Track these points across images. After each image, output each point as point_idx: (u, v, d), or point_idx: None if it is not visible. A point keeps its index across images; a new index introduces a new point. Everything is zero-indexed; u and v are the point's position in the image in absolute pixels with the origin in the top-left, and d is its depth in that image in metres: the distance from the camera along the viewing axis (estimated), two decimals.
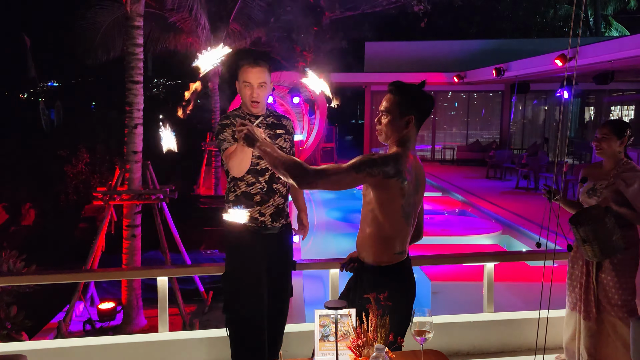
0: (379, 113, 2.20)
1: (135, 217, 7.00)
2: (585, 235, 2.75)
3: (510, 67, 12.58)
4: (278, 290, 2.72)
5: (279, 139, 2.73)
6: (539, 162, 11.43)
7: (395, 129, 2.15)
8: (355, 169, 2.01)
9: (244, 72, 2.62)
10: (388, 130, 2.16)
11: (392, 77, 10.72)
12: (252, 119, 2.63)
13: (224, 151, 2.54)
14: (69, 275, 3.45)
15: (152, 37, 12.07)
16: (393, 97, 2.17)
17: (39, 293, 5.34)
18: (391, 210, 2.11)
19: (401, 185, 2.08)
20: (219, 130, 2.61)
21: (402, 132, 2.15)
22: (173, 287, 6.65)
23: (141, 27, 6.96)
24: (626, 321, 2.86)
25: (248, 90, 2.60)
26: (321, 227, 8.79)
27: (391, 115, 2.15)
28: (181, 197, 8.08)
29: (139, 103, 6.93)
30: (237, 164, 2.46)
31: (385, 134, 2.18)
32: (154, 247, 7.64)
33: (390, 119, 2.15)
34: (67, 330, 6.42)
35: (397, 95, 2.16)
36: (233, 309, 2.63)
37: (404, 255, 2.25)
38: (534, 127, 18.31)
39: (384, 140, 2.21)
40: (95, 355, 3.05)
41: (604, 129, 2.95)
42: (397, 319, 2.05)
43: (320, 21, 17.51)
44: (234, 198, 2.63)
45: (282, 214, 2.70)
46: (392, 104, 2.16)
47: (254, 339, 2.60)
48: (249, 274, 2.59)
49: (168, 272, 3.39)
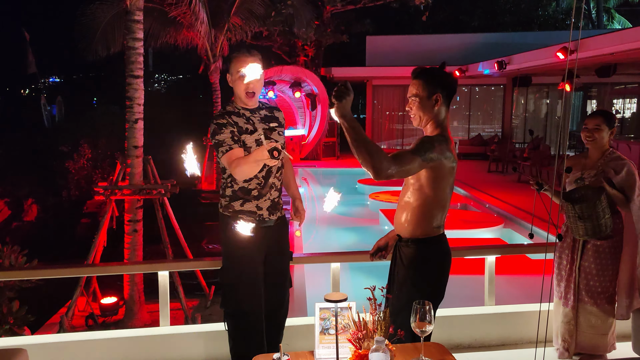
0: (408, 100, 2.31)
1: (136, 212, 7.00)
2: (580, 212, 2.81)
3: (512, 60, 12.53)
4: (277, 283, 2.71)
5: (273, 132, 2.65)
6: (541, 156, 11.41)
7: (427, 109, 2.26)
8: (422, 157, 2.13)
9: (238, 62, 2.53)
10: (420, 112, 2.27)
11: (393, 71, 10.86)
12: (247, 112, 2.60)
13: (223, 153, 2.47)
14: (71, 270, 3.45)
15: (153, 32, 12.05)
16: (418, 80, 2.26)
17: (41, 288, 5.36)
18: (440, 188, 2.25)
19: (452, 164, 2.24)
20: (215, 130, 2.51)
21: (433, 112, 2.26)
22: (175, 281, 6.66)
23: (141, 21, 6.95)
24: (602, 309, 2.95)
25: (243, 81, 2.53)
26: (322, 222, 8.79)
27: (420, 97, 2.25)
28: (182, 192, 8.08)
29: (139, 98, 6.93)
30: (247, 173, 2.42)
31: (419, 117, 2.29)
32: (155, 241, 7.66)
33: (420, 101, 2.26)
34: (69, 324, 6.44)
35: (421, 77, 2.26)
36: (231, 303, 2.62)
37: (443, 228, 2.40)
38: (536, 120, 18.25)
39: (419, 124, 2.32)
40: (98, 350, 3.06)
41: (596, 119, 2.99)
42: (433, 288, 2.27)
43: (321, 15, 17.47)
44: (230, 193, 2.60)
45: (277, 207, 2.69)
46: (419, 86, 2.26)
47: (252, 332, 2.59)
48: (248, 267, 2.57)
49: (169, 266, 3.39)
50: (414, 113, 2.29)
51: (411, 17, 22.66)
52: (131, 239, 6.99)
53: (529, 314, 3.36)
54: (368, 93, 18.19)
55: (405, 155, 2.09)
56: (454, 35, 18.44)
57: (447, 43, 17.32)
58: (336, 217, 9.76)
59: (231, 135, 2.49)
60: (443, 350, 2.12)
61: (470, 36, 18.15)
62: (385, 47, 17.78)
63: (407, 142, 18.43)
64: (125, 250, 7.02)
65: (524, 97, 18.08)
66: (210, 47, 11.99)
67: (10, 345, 2.94)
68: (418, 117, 2.29)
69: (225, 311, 2.66)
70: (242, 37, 12.74)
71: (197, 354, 3.10)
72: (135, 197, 6.87)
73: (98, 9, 11.01)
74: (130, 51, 6.89)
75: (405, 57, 16.98)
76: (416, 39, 18.29)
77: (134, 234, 6.99)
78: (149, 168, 7.05)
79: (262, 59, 2.60)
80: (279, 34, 16.45)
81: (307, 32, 15.34)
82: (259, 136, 2.56)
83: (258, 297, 2.59)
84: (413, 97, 2.27)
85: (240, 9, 12.08)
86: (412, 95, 2.27)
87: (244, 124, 2.55)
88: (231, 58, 2.59)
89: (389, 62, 16.98)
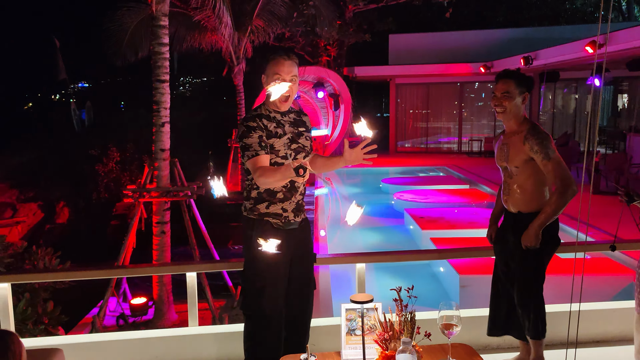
0: (498, 97, 2.70)
1: (164, 214, 7.12)
2: None
3: (539, 55, 12.30)
4: (303, 284, 2.71)
5: (301, 137, 2.64)
6: (570, 152, 11.17)
7: (519, 106, 2.70)
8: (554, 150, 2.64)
9: (276, 64, 2.50)
10: (514, 108, 2.69)
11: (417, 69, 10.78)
12: (278, 116, 2.61)
13: (249, 158, 2.47)
14: (102, 272, 3.52)
15: (178, 36, 12.25)
16: (510, 80, 2.68)
17: (74, 289, 5.49)
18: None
19: None
20: (244, 133, 2.49)
21: (521, 107, 2.72)
22: (202, 282, 6.75)
23: (166, 26, 7.06)
24: None
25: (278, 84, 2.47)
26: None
27: (512, 95, 2.67)
28: (208, 193, 8.19)
29: (165, 102, 7.04)
30: (270, 185, 2.46)
31: (510, 112, 2.70)
32: (183, 243, 7.77)
33: (512, 99, 2.67)
34: (101, 324, 6.59)
35: (513, 78, 2.69)
36: (251, 306, 2.60)
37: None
38: (565, 116, 17.87)
39: (508, 118, 2.71)
40: (129, 350, 3.13)
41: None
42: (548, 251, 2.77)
43: (343, 14, 17.44)
44: (256, 195, 2.59)
45: (302, 209, 2.69)
46: (511, 86, 2.67)
47: (270, 336, 2.58)
48: (271, 271, 2.55)
49: (197, 267, 3.44)
50: (507, 108, 2.68)
51: (434, 14, 22.44)
52: (159, 240, 7.11)
53: (559, 315, 3.30)
54: (391, 92, 18.09)
55: (558, 162, 2.59)
56: (478, 31, 18.18)
57: (471, 39, 17.09)
58: (361, 217, 9.73)
59: (259, 140, 2.48)
60: (471, 351, 2.10)
61: (494, 32, 17.88)
62: (408, 45, 17.64)
63: (431, 139, 18.27)
64: (154, 251, 7.15)
65: (551, 93, 17.72)
66: (233, 49, 12.11)
67: (45, 344, 3.02)
68: (510, 113, 2.69)
69: (244, 313, 2.66)
70: (265, 39, 12.83)
71: (225, 353, 3.14)
72: (162, 199, 6.98)
73: (125, 14, 11.24)
74: (157, 56, 7.01)
75: (428, 54, 16.83)
76: (439, 36, 18.09)
77: (162, 236, 7.11)
78: (175, 170, 7.16)
79: (298, 62, 2.58)
80: (301, 35, 16.49)
81: (329, 31, 15.34)
82: (287, 140, 2.56)
83: (279, 301, 2.58)
84: (505, 94, 2.67)
85: (263, 11, 12.17)
86: (504, 92, 2.67)
87: (274, 128, 2.55)
88: (268, 59, 2.56)
89: (412, 60, 16.85)
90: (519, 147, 2.66)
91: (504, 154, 2.78)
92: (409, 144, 18.44)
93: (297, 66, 2.56)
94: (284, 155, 2.54)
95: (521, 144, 2.65)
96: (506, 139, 2.78)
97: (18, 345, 1.73)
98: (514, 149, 2.70)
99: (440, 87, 17.88)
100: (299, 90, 15.90)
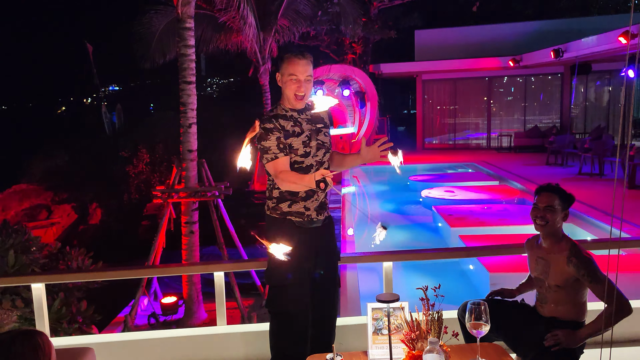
0: (540, 209, 2.59)
1: (192, 214, 7.21)
2: None
3: (570, 47, 11.99)
4: (327, 282, 2.71)
5: (320, 134, 2.64)
6: (604, 146, 10.85)
7: (559, 220, 2.59)
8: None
9: (290, 64, 2.52)
10: (558, 223, 2.59)
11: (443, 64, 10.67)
12: (295, 114, 2.61)
13: (268, 160, 2.50)
14: (132, 272, 3.59)
15: (204, 38, 12.38)
16: (554, 194, 2.59)
17: (106, 288, 5.60)
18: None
19: None
20: (261, 135, 2.52)
21: (561, 223, 2.61)
22: (230, 281, 6.82)
23: (192, 28, 7.14)
24: None
25: (294, 84, 2.52)
26: (375, 220, 8.74)
27: (555, 210, 2.57)
28: (236, 193, 8.25)
29: (192, 103, 7.13)
30: (292, 189, 2.48)
31: (554, 226, 2.58)
32: (211, 242, 7.86)
33: (556, 213, 2.57)
34: (133, 323, 6.72)
35: (557, 193, 2.59)
36: (277, 304, 2.62)
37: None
38: (597, 109, 17.39)
39: (548, 233, 2.60)
40: (160, 348, 3.18)
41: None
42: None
43: (368, 11, 17.36)
44: (278, 194, 2.60)
45: (324, 207, 2.68)
46: (555, 200, 2.58)
47: (296, 334, 2.58)
48: (295, 269, 2.55)
49: (225, 267, 3.47)
50: (552, 221, 2.56)
51: (461, 8, 22.12)
52: (188, 240, 7.20)
53: (593, 313, 3.21)
54: (418, 88, 17.91)
55: (608, 283, 2.40)
56: (506, 24, 17.83)
57: (499, 33, 16.78)
58: (388, 214, 9.68)
59: (277, 143, 2.50)
60: (500, 351, 2.07)
61: (523, 25, 17.49)
62: (434, 40, 17.42)
63: (459, 135, 18.02)
64: (183, 251, 7.25)
65: (583, 86, 17.26)
66: (259, 49, 12.18)
67: (78, 343, 3.10)
68: (553, 227, 2.58)
69: (269, 311, 2.68)
70: (290, 38, 12.86)
71: (253, 352, 3.16)
72: (190, 199, 7.08)
73: (153, 18, 11.44)
74: (183, 58, 7.10)
75: (455, 49, 16.59)
76: (466, 30, 17.80)
77: (191, 236, 7.21)
78: (203, 171, 7.25)
79: (312, 60, 2.59)
80: (326, 33, 16.49)
81: (354, 29, 15.29)
82: (305, 137, 2.57)
83: (304, 299, 2.59)
84: (549, 207, 2.57)
85: (287, 10, 12.21)
86: (547, 205, 2.57)
87: (291, 127, 2.56)
88: (282, 58, 2.58)
89: (438, 55, 16.63)
90: (562, 267, 2.51)
91: (542, 268, 2.63)
92: (437, 140, 18.23)
93: (312, 64, 2.57)
94: (303, 154, 2.54)
95: (565, 265, 2.50)
96: (544, 253, 2.63)
97: (47, 344, 1.77)
98: (556, 268, 2.55)
99: (468, 82, 17.61)
100: (325, 88, 15.93)
